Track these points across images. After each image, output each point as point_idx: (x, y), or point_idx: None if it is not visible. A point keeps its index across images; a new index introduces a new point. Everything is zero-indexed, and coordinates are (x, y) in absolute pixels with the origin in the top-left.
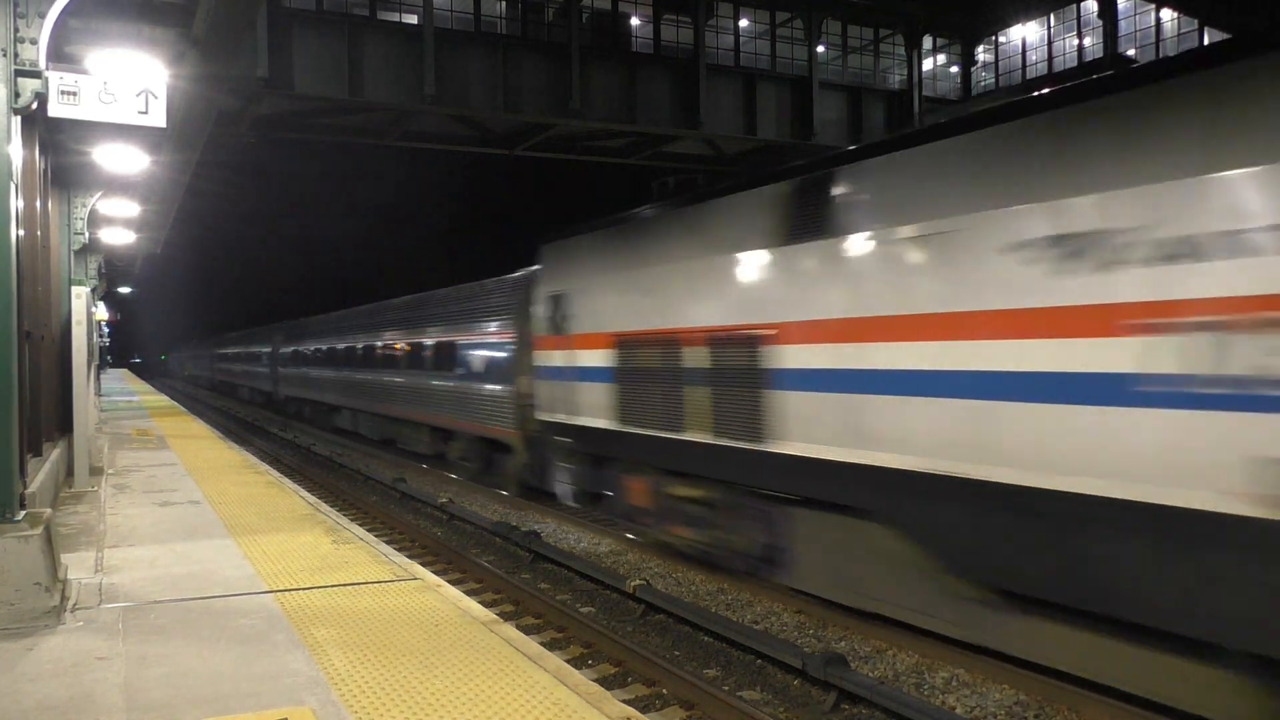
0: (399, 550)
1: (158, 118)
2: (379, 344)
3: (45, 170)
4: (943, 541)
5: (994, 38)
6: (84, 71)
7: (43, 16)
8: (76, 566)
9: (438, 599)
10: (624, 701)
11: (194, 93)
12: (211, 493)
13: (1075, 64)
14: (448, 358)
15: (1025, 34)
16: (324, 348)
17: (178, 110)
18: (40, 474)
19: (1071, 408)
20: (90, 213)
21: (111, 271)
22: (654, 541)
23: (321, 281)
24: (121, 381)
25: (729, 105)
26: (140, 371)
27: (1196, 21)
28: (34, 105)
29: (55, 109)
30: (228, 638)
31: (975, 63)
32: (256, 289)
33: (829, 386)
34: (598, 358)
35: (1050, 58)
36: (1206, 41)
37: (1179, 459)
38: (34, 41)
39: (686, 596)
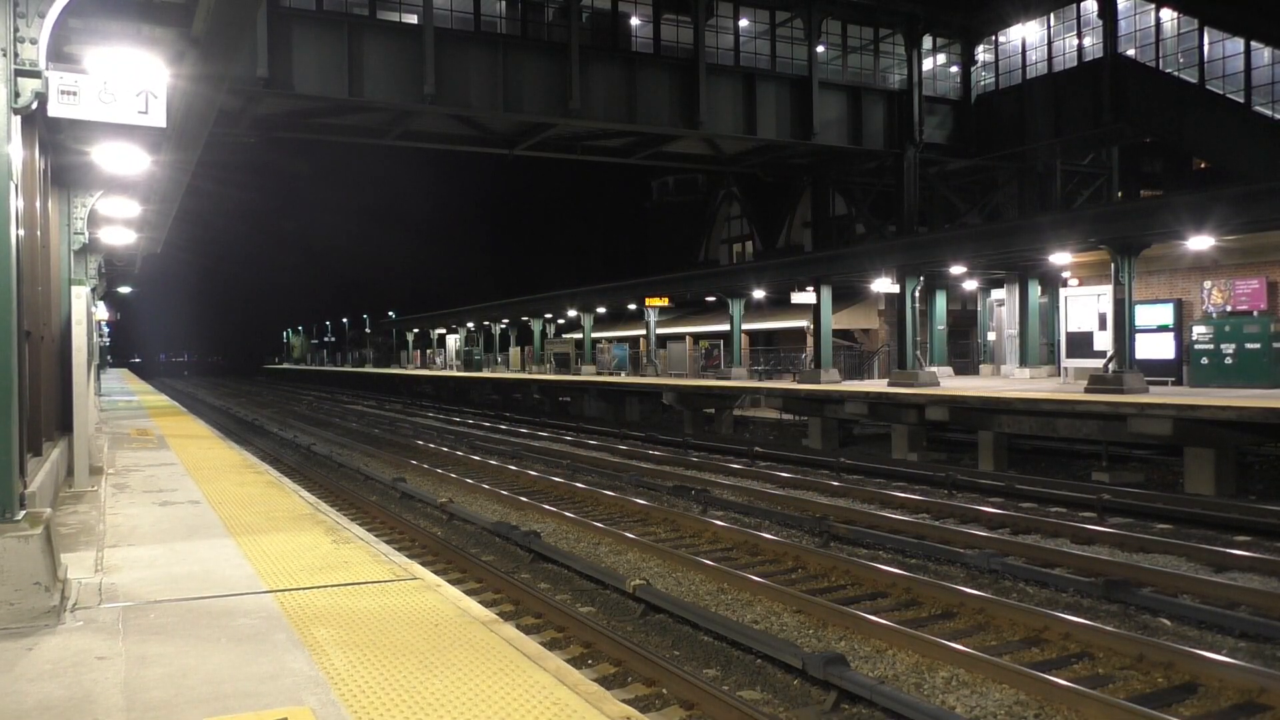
0: (399, 550)
1: (158, 117)
2: None
3: (45, 170)
4: None
5: (994, 38)
6: (84, 71)
7: (43, 16)
8: (76, 566)
9: (438, 599)
10: (624, 701)
11: (194, 92)
12: (211, 492)
13: (1075, 64)
14: None
15: (1025, 34)
16: None
17: (178, 110)
18: (40, 474)
19: None
20: (90, 213)
21: (111, 271)
22: None
23: (321, 280)
24: (121, 381)
25: (729, 105)
26: (140, 371)
27: (1197, 21)
28: (34, 105)
29: (55, 109)
30: (228, 637)
31: (975, 63)
32: (256, 288)
33: None
34: None
35: (1050, 57)
36: (1207, 42)
37: None
38: (34, 41)
39: (686, 596)
